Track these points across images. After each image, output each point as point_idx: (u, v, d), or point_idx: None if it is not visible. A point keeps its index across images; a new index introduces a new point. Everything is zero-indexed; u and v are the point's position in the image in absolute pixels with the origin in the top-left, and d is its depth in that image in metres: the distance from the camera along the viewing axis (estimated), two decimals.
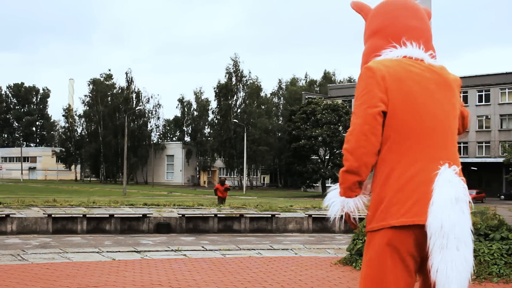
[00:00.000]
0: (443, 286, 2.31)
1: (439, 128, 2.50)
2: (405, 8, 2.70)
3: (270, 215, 16.93)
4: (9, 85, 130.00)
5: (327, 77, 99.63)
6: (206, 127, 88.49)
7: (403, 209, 2.37)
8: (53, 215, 15.30)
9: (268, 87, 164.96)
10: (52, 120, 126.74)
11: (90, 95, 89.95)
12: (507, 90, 64.48)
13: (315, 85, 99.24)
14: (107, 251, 9.60)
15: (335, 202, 2.54)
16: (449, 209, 2.33)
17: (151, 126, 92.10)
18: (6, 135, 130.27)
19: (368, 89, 2.50)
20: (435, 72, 2.58)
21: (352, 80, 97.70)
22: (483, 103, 65.01)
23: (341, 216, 2.56)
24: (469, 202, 2.42)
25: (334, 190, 2.60)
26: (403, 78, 2.49)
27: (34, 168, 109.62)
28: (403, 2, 2.72)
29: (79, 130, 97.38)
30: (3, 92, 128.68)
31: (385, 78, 2.48)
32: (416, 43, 2.63)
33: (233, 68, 79.12)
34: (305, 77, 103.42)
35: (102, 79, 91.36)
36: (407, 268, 2.42)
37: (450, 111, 2.57)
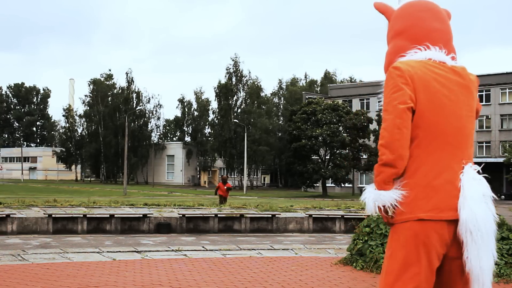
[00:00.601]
0: (477, 276, 2.46)
1: (462, 129, 2.65)
2: (428, 10, 2.81)
3: (270, 215, 16.93)
4: (9, 85, 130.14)
5: (328, 77, 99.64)
6: (207, 127, 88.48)
7: (430, 203, 2.51)
8: (53, 215, 15.31)
9: (268, 87, 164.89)
10: (52, 120, 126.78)
11: (91, 95, 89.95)
12: (507, 90, 64.47)
13: (315, 85, 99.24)
14: (108, 251, 9.60)
15: (370, 197, 2.62)
16: (481, 205, 2.48)
17: (151, 126, 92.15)
18: (6, 135, 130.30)
19: (398, 87, 2.59)
20: (457, 74, 2.71)
21: (353, 80, 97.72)
22: (484, 103, 64.96)
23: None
24: (493, 198, 2.56)
25: (370, 187, 2.68)
26: (429, 80, 2.62)
27: (35, 168, 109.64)
28: (426, 4, 2.83)
29: (79, 130, 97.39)
30: (3, 92, 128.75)
31: (413, 78, 2.60)
32: (438, 46, 2.74)
33: (233, 68, 79.13)
34: (305, 77, 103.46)
35: (102, 79, 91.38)
36: (430, 262, 2.52)
37: (470, 112, 2.71)
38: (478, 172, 2.60)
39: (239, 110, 78.29)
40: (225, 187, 22.90)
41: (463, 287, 2.59)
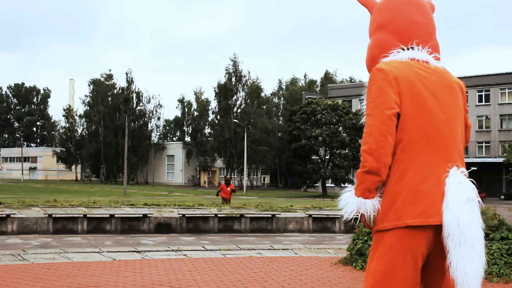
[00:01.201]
0: (462, 281, 2.40)
1: (447, 131, 2.58)
2: (410, 3, 2.77)
3: (270, 215, 16.93)
4: (9, 85, 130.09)
5: (328, 77, 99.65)
6: (207, 127, 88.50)
7: (418, 209, 2.45)
8: (53, 215, 15.32)
9: (267, 88, 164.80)
10: (52, 120, 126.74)
11: (91, 95, 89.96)
12: (507, 90, 64.47)
13: (315, 85, 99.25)
14: (108, 251, 9.61)
15: (351, 203, 2.57)
16: (463, 209, 2.42)
17: (151, 126, 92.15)
18: (6, 135, 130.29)
19: (383, 90, 2.53)
20: (440, 75, 2.66)
21: (352, 80, 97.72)
22: (483, 103, 65.00)
23: (355, 217, 2.60)
24: (479, 202, 2.51)
25: (349, 191, 2.63)
26: (413, 81, 2.56)
27: (35, 168, 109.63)
28: None
29: (79, 130, 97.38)
30: (3, 92, 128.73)
31: (398, 80, 2.54)
32: (421, 40, 2.70)
33: (232, 68, 79.14)
34: (305, 77, 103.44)
35: (102, 79, 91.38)
36: (416, 265, 2.49)
37: (457, 113, 2.66)
38: (466, 175, 2.55)
39: (239, 110, 78.29)
40: (229, 189, 21.28)
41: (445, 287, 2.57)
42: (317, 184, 64.40)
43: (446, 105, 2.61)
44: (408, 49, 2.69)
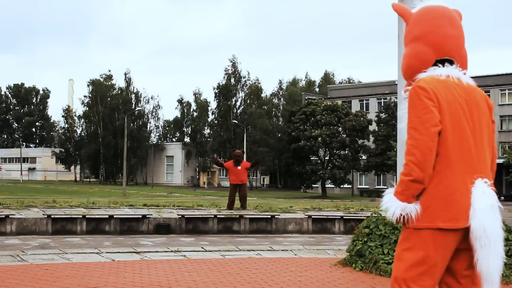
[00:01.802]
0: (487, 275, 2.86)
1: (474, 146, 2.95)
2: (444, 17, 3.07)
3: (269, 216, 16.91)
4: (8, 85, 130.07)
5: (327, 78, 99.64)
6: (206, 128, 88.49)
7: (449, 215, 2.86)
8: (52, 216, 15.28)
9: (265, 89, 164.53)
10: (52, 121, 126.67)
11: (90, 96, 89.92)
12: (507, 91, 64.54)
13: (314, 86, 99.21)
14: (107, 252, 9.59)
15: (396, 206, 2.92)
16: (488, 215, 2.85)
17: (150, 127, 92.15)
18: (5, 136, 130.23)
19: (429, 109, 2.87)
20: (470, 93, 3.02)
21: (351, 81, 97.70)
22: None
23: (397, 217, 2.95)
24: (500, 207, 2.96)
25: (389, 194, 2.99)
26: (450, 101, 2.92)
27: (34, 168, 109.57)
28: (442, 11, 3.09)
29: (78, 131, 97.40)
30: (2, 93, 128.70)
31: (439, 100, 2.89)
32: (454, 53, 3.06)
33: (231, 69, 79.15)
34: (306, 77, 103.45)
35: (102, 79, 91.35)
36: (444, 258, 2.92)
37: (484, 130, 3.03)
38: (489, 185, 2.95)
39: (238, 111, 78.28)
40: (240, 168, 17.24)
41: (466, 276, 3.00)
42: (317, 185, 64.40)
43: (474, 122, 2.97)
44: (442, 62, 3.03)
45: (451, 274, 3.05)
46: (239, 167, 17.37)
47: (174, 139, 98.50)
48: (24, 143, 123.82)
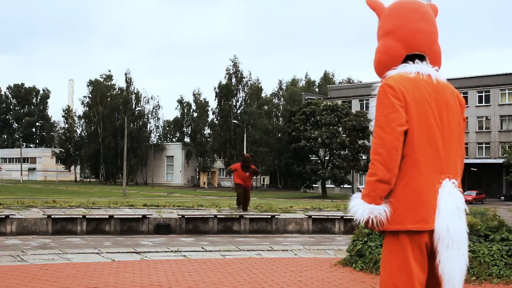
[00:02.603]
0: (449, 278, 2.78)
1: (443, 147, 2.89)
2: (415, 11, 3.01)
3: (270, 216, 16.91)
4: (9, 86, 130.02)
5: (327, 78, 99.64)
6: (206, 128, 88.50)
7: (418, 217, 2.80)
8: (52, 216, 15.29)
9: (265, 89, 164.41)
10: (52, 121, 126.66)
11: (90, 96, 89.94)
12: (507, 91, 64.50)
13: (314, 86, 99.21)
14: (107, 252, 9.59)
15: (363, 209, 2.84)
16: (452, 216, 2.78)
17: (150, 127, 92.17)
18: (6, 136, 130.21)
19: (395, 108, 2.81)
20: (440, 92, 2.94)
21: (351, 81, 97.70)
22: (483, 104, 65.06)
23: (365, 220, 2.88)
24: (465, 209, 2.89)
25: (357, 198, 2.90)
26: (418, 100, 2.86)
27: (34, 169, 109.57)
28: (414, 5, 3.03)
29: (78, 131, 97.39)
30: (3, 93, 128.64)
31: (406, 99, 2.83)
32: (424, 48, 2.99)
33: (232, 69, 79.16)
34: (306, 76, 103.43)
35: (101, 79, 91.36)
36: (416, 261, 2.84)
37: (453, 129, 2.96)
38: (456, 186, 2.88)
39: (238, 111, 78.29)
40: (247, 174, 16.83)
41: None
42: (317, 185, 64.38)
43: (443, 121, 2.91)
44: (414, 57, 2.96)
45: None
46: (247, 173, 16.91)
47: (174, 139, 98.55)
48: (24, 143, 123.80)
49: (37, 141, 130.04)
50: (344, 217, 16.91)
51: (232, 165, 17.79)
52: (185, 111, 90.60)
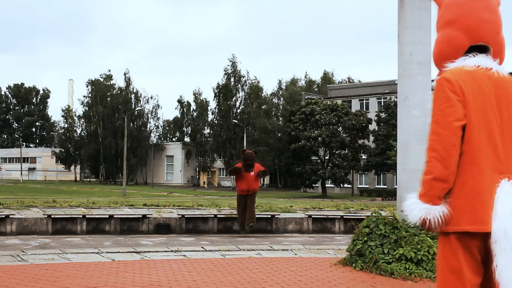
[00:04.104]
0: (507, 283, 2.62)
1: (502, 144, 2.77)
2: (479, 0, 2.87)
3: (269, 216, 16.91)
4: (8, 85, 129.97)
5: (327, 78, 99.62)
6: (206, 127, 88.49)
7: (476, 217, 2.67)
8: (52, 216, 15.29)
9: (264, 89, 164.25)
10: (52, 121, 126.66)
11: (90, 96, 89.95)
12: None
13: (314, 86, 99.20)
14: (107, 252, 9.59)
15: (420, 209, 2.71)
16: (511, 218, 2.63)
17: (150, 127, 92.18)
18: (5, 136, 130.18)
19: (452, 102, 2.69)
20: (502, 86, 2.81)
21: (351, 81, 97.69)
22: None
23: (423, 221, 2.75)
24: None
25: (413, 197, 2.77)
26: (477, 95, 2.73)
27: (34, 168, 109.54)
28: None
29: (78, 131, 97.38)
30: (2, 93, 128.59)
31: (464, 93, 2.70)
32: (488, 39, 2.84)
33: (231, 69, 79.15)
34: (305, 76, 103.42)
35: (101, 79, 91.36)
36: (475, 264, 2.72)
37: None
38: None
39: (238, 111, 78.29)
40: (253, 174, 13.93)
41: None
42: (317, 185, 64.37)
43: (503, 118, 2.78)
44: (476, 49, 2.82)
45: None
46: (251, 172, 13.97)
47: (174, 139, 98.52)
48: (24, 143, 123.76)
49: (37, 141, 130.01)
50: (344, 217, 16.91)
51: (234, 166, 14.73)
52: (185, 110, 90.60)
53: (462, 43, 2.83)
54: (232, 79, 79.09)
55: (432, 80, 2.93)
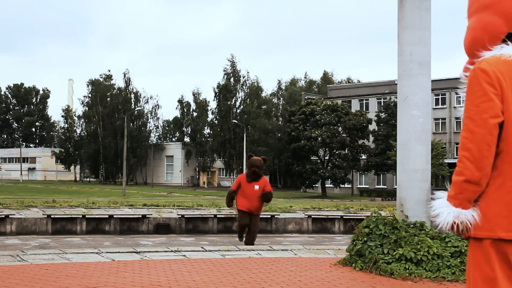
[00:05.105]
0: None
1: None
2: None
3: (269, 216, 16.92)
4: (8, 85, 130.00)
5: (327, 78, 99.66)
6: (206, 127, 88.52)
7: None
8: (52, 216, 15.29)
9: (264, 89, 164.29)
10: (51, 121, 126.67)
11: (89, 96, 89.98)
12: None
13: (314, 86, 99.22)
14: (107, 252, 9.59)
15: (449, 212, 2.49)
16: None
17: (150, 127, 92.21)
18: (5, 136, 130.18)
19: (488, 96, 2.43)
20: None
21: (351, 81, 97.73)
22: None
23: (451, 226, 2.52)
24: None
25: (441, 199, 2.55)
26: None
27: (34, 168, 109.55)
28: None
29: (78, 131, 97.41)
30: (2, 93, 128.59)
31: (502, 86, 2.44)
32: None
33: (231, 69, 79.16)
34: (305, 77, 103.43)
35: (101, 79, 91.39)
36: (509, 274, 2.47)
37: None
38: None
39: (238, 111, 78.30)
40: (257, 189, 11.24)
41: None
42: (317, 185, 64.38)
43: None
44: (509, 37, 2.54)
45: None
46: (256, 187, 11.17)
47: (174, 139, 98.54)
48: (24, 143, 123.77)
49: (37, 141, 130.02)
50: (344, 217, 16.92)
51: (235, 181, 11.76)
52: (185, 110, 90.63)
53: (500, 29, 2.54)
54: (232, 79, 79.10)
55: (465, 71, 2.63)
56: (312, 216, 17.13)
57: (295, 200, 42.51)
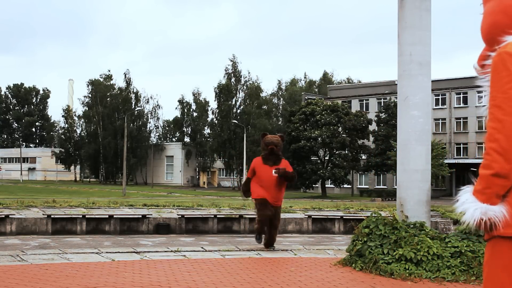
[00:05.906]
0: None
1: None
2: None
3: None
4: (8, 85, 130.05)
5: (327, 78, 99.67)
6: (206, 127, 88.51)
7: None
8: (52, 216, 15.29)
9: (264, 89, 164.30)
10: (51, 121, 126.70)
11: (90, 96, 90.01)
12: None
13: (314, 86, 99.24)
14: (107, 252, 9.59)
15: (476, 208, 2.30)
16: None
17: (150, 127, 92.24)
18: (5, 136, 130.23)
19: None
20: None
21: (351, 81, 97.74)
22: (483, 104, 65.06)
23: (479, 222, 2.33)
24: None
25: (467, 193, 2.36)
26: None
27: (34, 168, 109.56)
28: None
29: (78, 131, 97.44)
30: (2, 93, 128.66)
31: None
32: None
33: (232, 69, 79.17)
34: (305, 77, 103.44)
35: (101, 79, 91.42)
36: None
37: None
38: None
39: (238, 111, 78.31)
40: (274, 172, 9.43)
41: None
42: (316, 185, 64.38)
43: None
44: None
45: None
46: (274, 171, 9.45)
47: (174, 139, 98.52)
48: (24, 143, 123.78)
49: (37, 141, 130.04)
50: (344, 217, 16.91)
51: (250, 167, 10.03)
52: (185, 111, 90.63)
53: None
54: (232, 79, 79.12)
55: (481, 60, 2.53)
56: (312, 216, 17.13)
57: (295, 200, 42.49)
